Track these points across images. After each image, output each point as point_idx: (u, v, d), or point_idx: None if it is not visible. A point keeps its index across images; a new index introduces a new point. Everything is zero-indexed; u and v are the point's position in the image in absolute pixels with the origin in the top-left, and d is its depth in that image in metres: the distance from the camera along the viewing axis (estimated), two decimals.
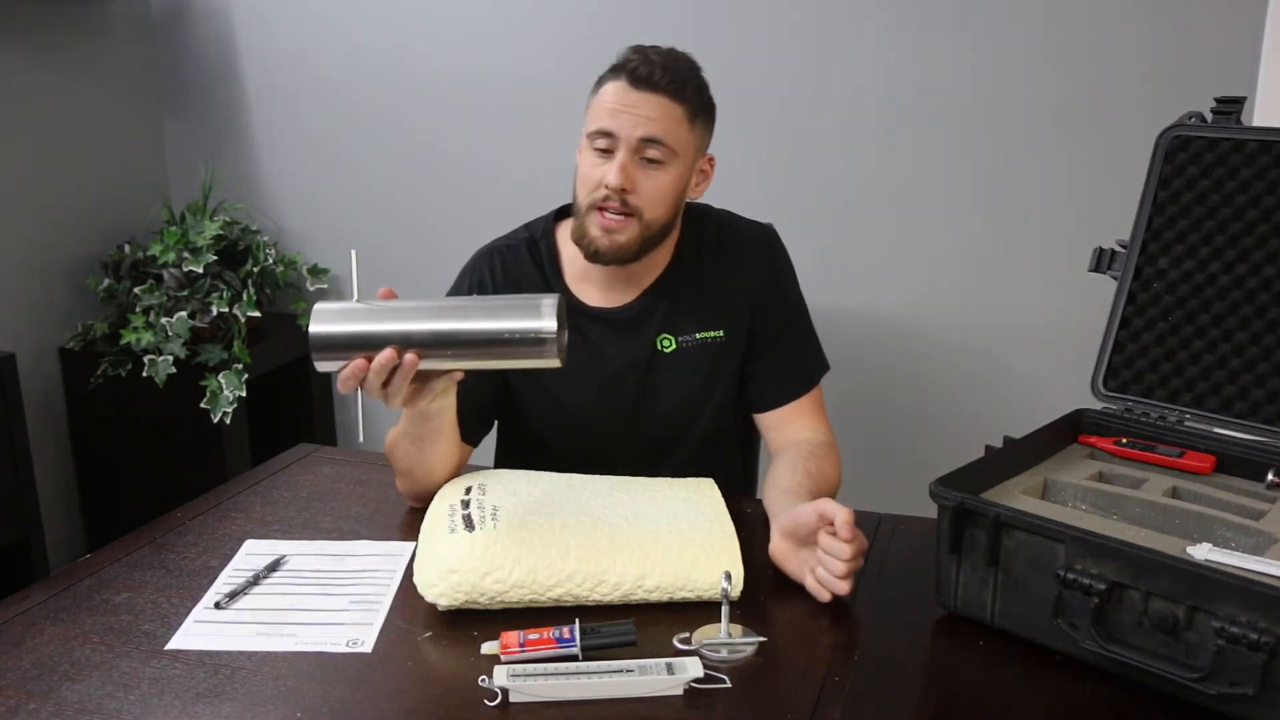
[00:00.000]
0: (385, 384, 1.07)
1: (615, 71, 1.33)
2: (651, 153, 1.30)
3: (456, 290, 1.46)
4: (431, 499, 1.26)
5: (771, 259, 1.46)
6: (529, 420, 1.46)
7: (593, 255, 1.34)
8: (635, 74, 1.30)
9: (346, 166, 2.64)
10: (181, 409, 2.39)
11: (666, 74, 1.30)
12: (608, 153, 1.31)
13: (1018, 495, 1.12)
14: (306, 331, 1.09)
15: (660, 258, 1.41)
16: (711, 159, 1.41)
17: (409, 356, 1.05)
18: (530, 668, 0.96)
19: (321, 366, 1.08)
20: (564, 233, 1.43)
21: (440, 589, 1.07)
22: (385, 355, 1.05)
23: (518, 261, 1.44)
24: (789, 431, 1.43)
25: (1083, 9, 2.03)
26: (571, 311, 1.40)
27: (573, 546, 1.10)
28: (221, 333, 2.43)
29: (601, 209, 1.31)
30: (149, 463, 2.53)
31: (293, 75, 2.63)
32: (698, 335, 1.42)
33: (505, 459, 1.51)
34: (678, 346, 1.42)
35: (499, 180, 2.49)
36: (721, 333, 1.43)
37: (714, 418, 1.46)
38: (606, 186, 1.29)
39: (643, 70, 1.30)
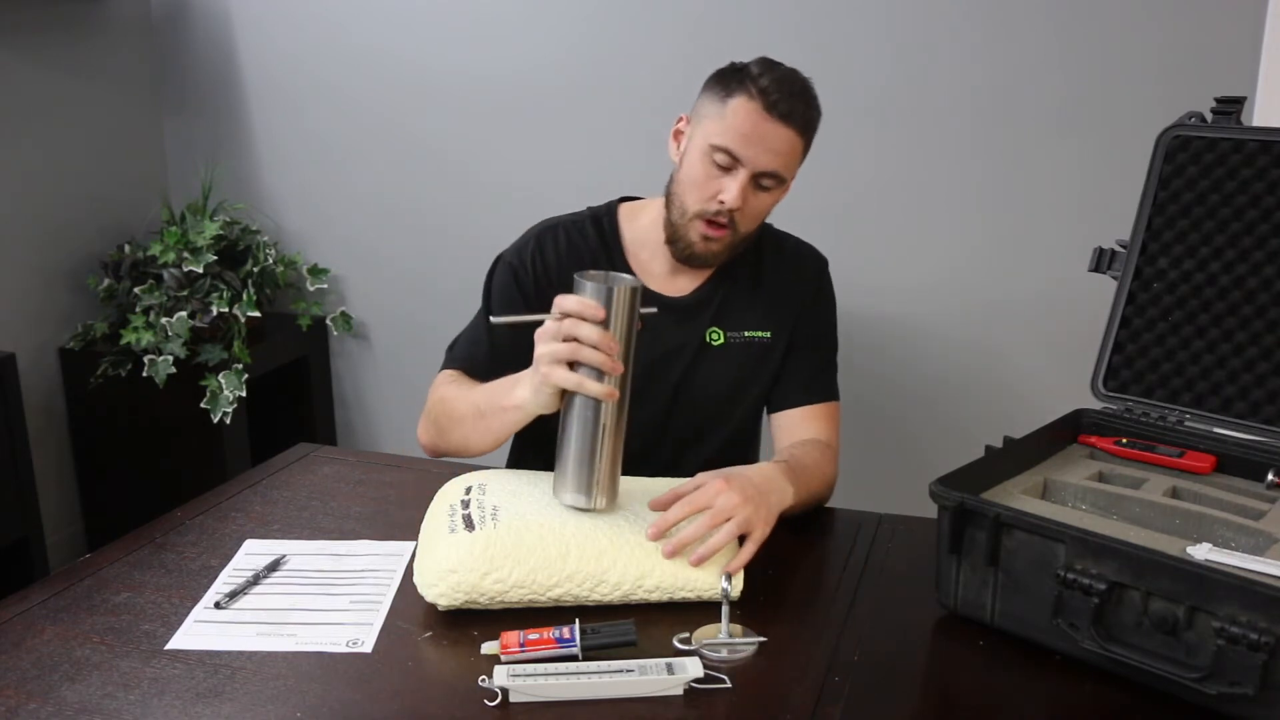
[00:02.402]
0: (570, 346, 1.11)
1: (747, 88, 1.32)
2: (767, 182, 1.35)
3: (518, 254, 1.46)
4: (447, 457, 1.31)
5: (821, 275, 1.52)
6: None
7: (686, 258, 1.41)
8: (776, 107, 1.31)
9: (346, 166, 2.64)
10: (181, 409, 2.39)
11: (805, 109, 1.34)
12: (727, 170, 1.34)
13: (1018, 495, 1.12)
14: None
15: None
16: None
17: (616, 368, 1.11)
18: (530, 668, 0.96)
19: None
20: (626, 217, 1.49)
21: (440, 589, 1.07)
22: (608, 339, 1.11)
23: (582, 237, 1.47)
24: (795, 435, 1.44)
25: (1083, 9, 2.03)
26: None
27: (573, 546, 1.10)
28: (221, 333, 2.43)
29: (708, 220, 1.36)
30: (149, 463, 2.53)
31: (293, 75, 2.63)
32: (746, 333, 1.46)
33: (535, 432, 1.47)
34: (725, 341, 1.46)
35: (499, 180, 2.49)
36: (769, 334, 1.47)
37: (746, 416, 1.49)
38: (721, 202, 1.34)
39: (783, 106, 1.31)
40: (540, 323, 1.15)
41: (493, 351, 1.41)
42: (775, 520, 1.17)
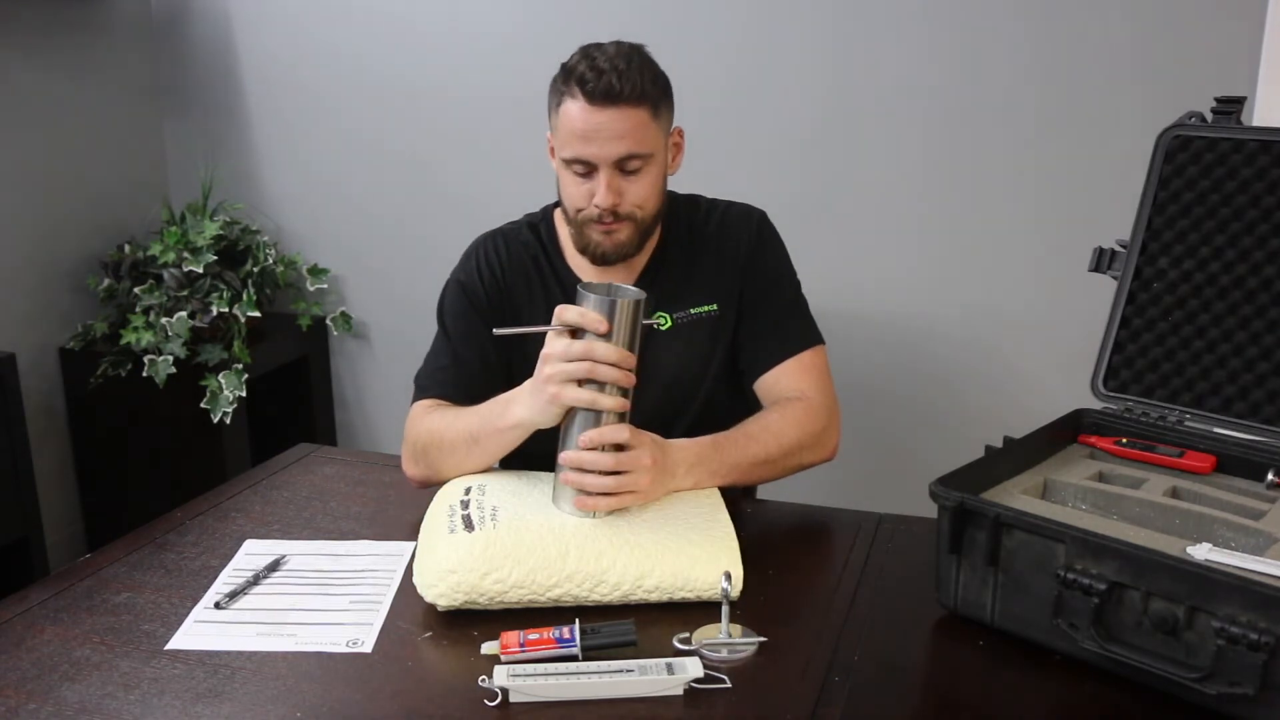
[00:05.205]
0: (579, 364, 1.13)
1: (570, 88, 1.32)
2: (631, 165, 1.33)
3: (464, 269, 1.48)
4: (436, 488, 1.28)
5: (759, 231, 1.49)
6: None
7: (600, 259, 1.39)
8: (596, 96, 1.29)
9: (347, 166, 2.64)
10: (181, 409, 2.39)
11: (625, 81, 1.30)
12: (587, 175, 1.34)
13: (1018, 495, 1.12)
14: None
15: (650, 241, 1.44)
16: (680, 131, 1.44)
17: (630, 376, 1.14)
18: (530, 668, 0.96)
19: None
20: (562, 220, 1.47)
21: (440, 589, 1.07)
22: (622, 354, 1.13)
23: (521, 242, 1.48)
24: (777, 397, 1.42)
25: (1083, 9, 2.03)
26: (570, 292, 1.43)
27: (572, 546, 1.10)
28: (221, 333, 2.43)
29: (597, 221, 1.36)
30: (149, 463, 2.52)
31: (293, 75, 2.63)
32: (692, 310, 1.45)
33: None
34: (673, 323, 1.45)
35: (499, 180, 2.49)
36: (715, 306, 1.46)
37: (711, 392, 1.47)
38: (597, 207, 1.33)
39: (601, 90, 1.29)
40: (541, 333, 1.16)
41: (462, 375, 1.40)
42: (657, 497, 1.21)
